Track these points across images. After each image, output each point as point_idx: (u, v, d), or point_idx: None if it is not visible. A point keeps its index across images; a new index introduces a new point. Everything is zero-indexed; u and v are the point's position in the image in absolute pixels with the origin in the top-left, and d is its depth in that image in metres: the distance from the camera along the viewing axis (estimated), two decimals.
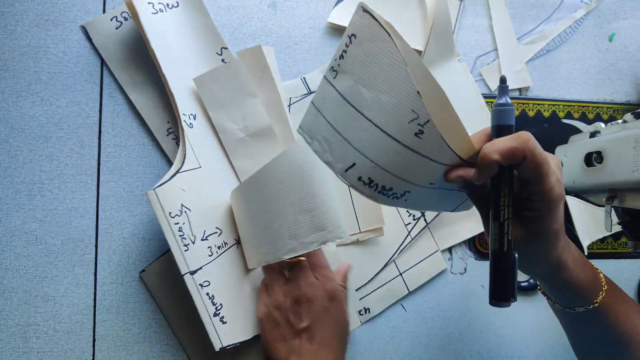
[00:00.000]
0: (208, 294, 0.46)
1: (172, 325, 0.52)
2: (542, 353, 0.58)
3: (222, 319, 0.47)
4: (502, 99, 0.34)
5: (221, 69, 0.51)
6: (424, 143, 0.31)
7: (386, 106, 0.31)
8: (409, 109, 0.31)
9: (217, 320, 0.46)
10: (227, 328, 0.47)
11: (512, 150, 0.31)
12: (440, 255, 0.57)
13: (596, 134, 0.47)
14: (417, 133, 0.31)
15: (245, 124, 0.52)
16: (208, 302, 0.46)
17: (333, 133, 0.34)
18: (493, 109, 0.34)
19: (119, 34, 0.52)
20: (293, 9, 0.56)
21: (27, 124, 0.51)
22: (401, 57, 0.30)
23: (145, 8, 0.50)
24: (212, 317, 0.46)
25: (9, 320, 0.50)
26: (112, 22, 0.52)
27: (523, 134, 0.32)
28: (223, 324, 0.47)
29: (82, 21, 0.52)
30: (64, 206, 0.51)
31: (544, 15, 0.61)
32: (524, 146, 0.31)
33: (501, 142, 0.31)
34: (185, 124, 0.49)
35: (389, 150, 0.32)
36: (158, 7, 0.51)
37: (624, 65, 0.63)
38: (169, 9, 0.51)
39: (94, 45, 0.52)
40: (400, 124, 0.31)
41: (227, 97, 0.51)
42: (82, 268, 0.51)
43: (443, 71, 0.57)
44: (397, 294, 0.56)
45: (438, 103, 0.34)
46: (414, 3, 0.57)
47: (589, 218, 0.59)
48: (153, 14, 0.51)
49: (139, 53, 0.52)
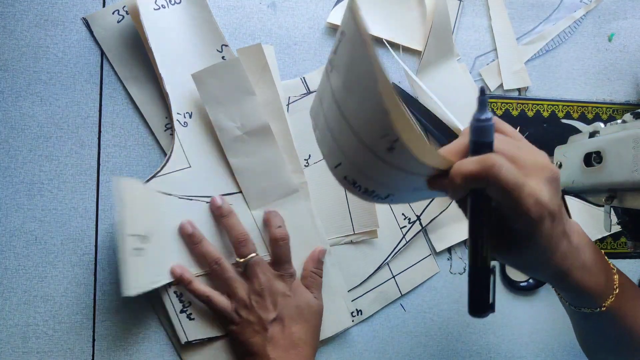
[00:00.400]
0: (176, 292, 0.51)
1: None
2: (541, 353, 0.58)
3: (190, 316, 0.51)
4: (481, 113, 0.31)
5: (220, 66, 0.51)
6: (398, 158, 0.29)
7: (363, 115, 0.29)
8: (380, 124, 0.28)
9: (184, 317, 0.51)
10: (194, 324, 0.51)
11: (473, 176, 0.29)
12: (434, 258, 0.57)
13: (595, 134, 0.47)
14: (389, 148, 0.29)
15: (242, 121, 0.52)
16: (175, 299, 0.50)
17: (325, 127, 0.34)
18: (471, 124, 0.31)
19: (120, 27, 0.52)
20: (293, 9, 0.56)
21: (26, 124, 0.51)
22: (373, 70, 0.27)
23: (148, 4, 0.50)
24: (178, 314, 0.50)
25: (8, 320, 0.50)
26: (113, 15, 0.52)
27: (487, 159, 0.29)
28: (190, 320, 0.51)
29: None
30: (63, 206, 0.51)
31: (544, 15, 0.61)
32: (487, 173, 0.29)
33: (465, 165, 0.30)
34: (179, 123, 0.51)
35: (367, 159, 0.30)
36: (160, 2, 0.51)
37: (623, 65, 0.63)
38: (172, 5, 0.52)
39: (94, 39, 0.52)
40: (373, 136, 0.29)
41: (225, 94, 0.51)
42: (82, 268, 0.51)
43: (442, 71, 0.57)
44: (390, 297, 0.56)
45: (404, 121, 0.29)
46: (413, 3, 0.57)
47: (588, 218, 0.59)
48: (155, 9, 0.51)
49: (140, 47, 0.52)
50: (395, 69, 0.57)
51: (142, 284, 0.47)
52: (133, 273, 0.46)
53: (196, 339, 0.51)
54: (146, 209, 0.49)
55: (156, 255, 0.49)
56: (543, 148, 0.58)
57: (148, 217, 0.49)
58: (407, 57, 0.58)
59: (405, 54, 0.58)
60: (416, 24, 0.57)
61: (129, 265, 0.45)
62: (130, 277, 0.45)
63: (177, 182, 0.51)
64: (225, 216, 0.51)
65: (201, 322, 0.51)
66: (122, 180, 0.47)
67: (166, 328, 0.51)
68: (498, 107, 0.59)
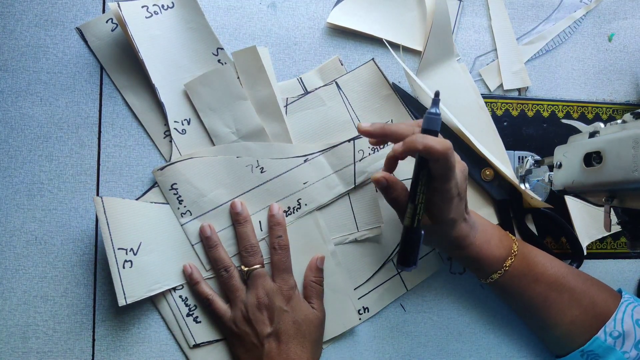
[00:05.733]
0: (181, 297, 0.51)
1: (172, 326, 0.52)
2: (541, 353, 0.58)
3: (196, 319, 0.51)
4: (433, 109, 0.41)
5: (211, 74, 0.51)
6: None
7: None
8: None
9: (191, 320, 0.51)
10: (201, 327, 0.51)
11: (434, 149, 0.38)
12: (438, 253, 0.57)
13: (595, 134, 0.47)
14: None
15: (237, 127, 0.52)
16: (181, 303, 0.51)
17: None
18: (425, 115, 0.41)
19: (114, 36, 0.52)
20: (292, 10, 0.56)
21: (26, 124, 0.51)
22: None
23: (139, 13, 0.50)
24: (185, 317, 0.51)
25: (8, 320, 0.50)
26: (107, 24, 0.52)
27: (447, 142, 0.39)
28: (197, 323, 0.51)
29: (82, 21, 0.52)
30: (63, 206, 0.51)
31: (543, 16, 0.61)
32: (444, 152, 0.39)
33: (430, 139, 0.39)
34: (177, 131, 0.51)
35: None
36: (153, 9, 0.51)
37: (623, 65, 0.63)
38: (164, 10, 0.51)
39: (90, 48, 0.52)
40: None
41: (217, 101, 0.52)
42: (82, 268, 0.51)
43: (442, 71, 0.57)
44: (395, 293, 0.56)
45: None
46: (413, 3, 0.57)
47: (588, 218, 0.59)
48: (147, 17, 0.51)
49: (135, 56, 0.52)
50: (395, 69, 0.57)
51: (138, 293, 0.48)
52: (127, 283, 0.48)
53: (204, 341, 0.51)
54: (136, 221, 0.49)
55: (152, 264, 0.49)
56: (543, 148, 0.59)
57: (139, 228, 0.49)
58: (407, 57, 0.58)
59: (405, 54, 0.58)
60: (416, 24, 0.58)
61: (122, 276, 0.47)
62: (124, 287, 0.47)
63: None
64: (240, 224, 0.51)
65: (208, 325, 0.51)
66: (103, 199, 0.48)
67: (172, 330, 0.51)
68: (498, 107, 0.59)
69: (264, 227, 0.52)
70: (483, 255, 0.48)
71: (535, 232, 0.58)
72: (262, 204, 0.52)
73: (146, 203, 0.51)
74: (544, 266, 0.50)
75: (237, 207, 0.51)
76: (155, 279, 0.49)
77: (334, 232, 0.54)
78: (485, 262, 0.49)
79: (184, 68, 0.52)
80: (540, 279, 0.50)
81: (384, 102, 0.56)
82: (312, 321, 0.50)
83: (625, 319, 0.49)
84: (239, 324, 0.49)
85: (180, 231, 0.51)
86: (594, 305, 0.50)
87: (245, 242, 0.51)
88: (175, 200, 0.51)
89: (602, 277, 0.55)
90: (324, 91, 0.55)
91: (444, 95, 0.56)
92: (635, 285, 0.61)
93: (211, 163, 0.51)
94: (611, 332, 0.48)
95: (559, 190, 0.50)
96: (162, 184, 0.51)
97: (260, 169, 0.52)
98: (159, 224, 0.50)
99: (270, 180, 0.52)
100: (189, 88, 0.51)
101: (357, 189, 0.54)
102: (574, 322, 0.50)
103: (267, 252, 0.52)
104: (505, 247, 0.50)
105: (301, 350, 0.48)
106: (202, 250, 0.51)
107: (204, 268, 0.52)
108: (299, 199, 0.53)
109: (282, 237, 0.51)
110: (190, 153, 0.51)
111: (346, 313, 0.54)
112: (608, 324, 0.49)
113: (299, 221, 0.53)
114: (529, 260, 0.50)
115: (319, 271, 0.52)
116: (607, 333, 0.48)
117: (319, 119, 0.55)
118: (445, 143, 0.39)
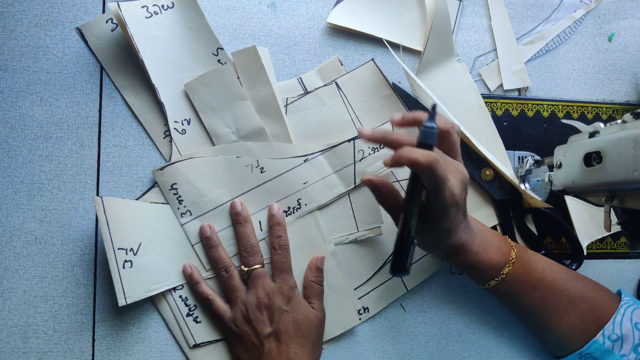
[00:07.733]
0: (181, 297, 0.51)
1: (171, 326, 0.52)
2: (540, 353, 0.58)
3: (196, 319, 0.51)
4: (428, 122, 0.39)
5: (211, 74, 0.51)
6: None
7: None
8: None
9: (191, 320, 0.51)
10: (201, 327, 0.51)
11: (417, 163, 0.37)
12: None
13: (595, 134, 0.47)
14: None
15: (237, 127, 0.52)
16: (181, 303, 0.51)
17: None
18: (421, 129, 0.40)
19: (114, 36, 0.52)
20: (292, 10, 0.56)
21: (26, 124, 0.51)
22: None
23: (139, 13, 0.50)
24: (185, 317, 0.51)
25: (8, 320, 0.50)
26: (107, 24, 0.52)
27: (432, 155, 0.38)
28: (197, 323, 0.51)
29: (82, 21, 0.52)
30: (63, 206, 0.51)
31: (543, 16, 0.61)
32: (428, 165, 0.38)
33: (416, 152, 0.38)
34: (177, 131, 0.51)
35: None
36: (153, 9, 0.51)
37: (623, 65, 0.63)
38: (164, 10, 0.51)
39: (89, 48, 0.52)
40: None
41: (217, 101, 0.52)
42: (82, 268, 0.51)
43: (442, 71, 0.57)
44: (395, 293, 0.56)
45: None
46: (413, 3, 0.58)
47: (588, 218, 0.59)
48: (147, 17, 0.51)
49: (135, 56, 0.52)
50: (395, 69, 0.57)
51: (138, 293, 0.48)
52: (127, 283, 0.48)
53: (204, 341, 0.51)
54: (136, 221, 0.49)
55: (152, 264, 0.49)
56: (543, 148, 0.58)
57: (139, 228, 0.49)
58: (407, 57, 0.58)
59: (405, 54, 0.58)
60: (416, 24, 0.58)
61: (122, 276, 0.47)
62: (124, 287, 0.47)
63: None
64: (240, 224, 0.51)
65: (208, 325, 0.51)
66: (103, 199, 0.48)
67: (172, 330, 0.51)
68: (498, 107, 0.59)
69: (264, 227, 0.52)
70: (480, 262, 0.48)
71: (535, 232, 0.58)
72: (262, 204, 0.52)
73: (146, 203, 0.51)
74: (543, 272, 0.50)
75: (237, 207, 0.51)
76: (155, 279, 0.49)
77: (334, 232, 0.54)
78: (483, 268, 0.48)
79: (184, 68, 0.52)
80: (539, 285, 0.49)
81: (384, 102, 0.56)
82: (312, 321, 0.50)
83: (624, 322, 0.49)
84: (239, 324, 0.49)
85: (180, 231, 0.51)
86: (592, 309, 0.50)
87: (245, 242, 0.51)
88: (175, 200, 0.51)
89: (601, 277, 0.55)
90: (324, 91, 0.55)
91: (444, 95, 0.56)
92: (635, 286, 0.61)
93: (211, 163, 0.51)
94: (610, 335, 0.48)
95: (559, 190, 0.50)
96: (162, 184, 0.51)
97: (260, 169, 0.52)
98: (159, 224, 0.50)
99: (270, 180, 0.52)
100: (189, 88, 0.51)
101: (357, 189, 0.54)
102: (573, 326, 0.50)
103: (267, 252, 0.52)
104: (503, 253, 0.49)
105: (301, 350, 0.48)
106: (202, 250, 0.51)
107: (204, 268, 0.52)
108: (299, 199, 0.53)
109: (282, 237, 0.51)
110: (190, 153, 0.51)
111: (346, 313, 0.54)
112: (607, 327, 0.49)
113: (299, 221, 0.53)
114: (527, 266, 0.50)
115: (319, 271, 0.52)
116: (606, 336, 0.48)
117: (319, 119, 0.55)
118: (430, 156, 0.38)
